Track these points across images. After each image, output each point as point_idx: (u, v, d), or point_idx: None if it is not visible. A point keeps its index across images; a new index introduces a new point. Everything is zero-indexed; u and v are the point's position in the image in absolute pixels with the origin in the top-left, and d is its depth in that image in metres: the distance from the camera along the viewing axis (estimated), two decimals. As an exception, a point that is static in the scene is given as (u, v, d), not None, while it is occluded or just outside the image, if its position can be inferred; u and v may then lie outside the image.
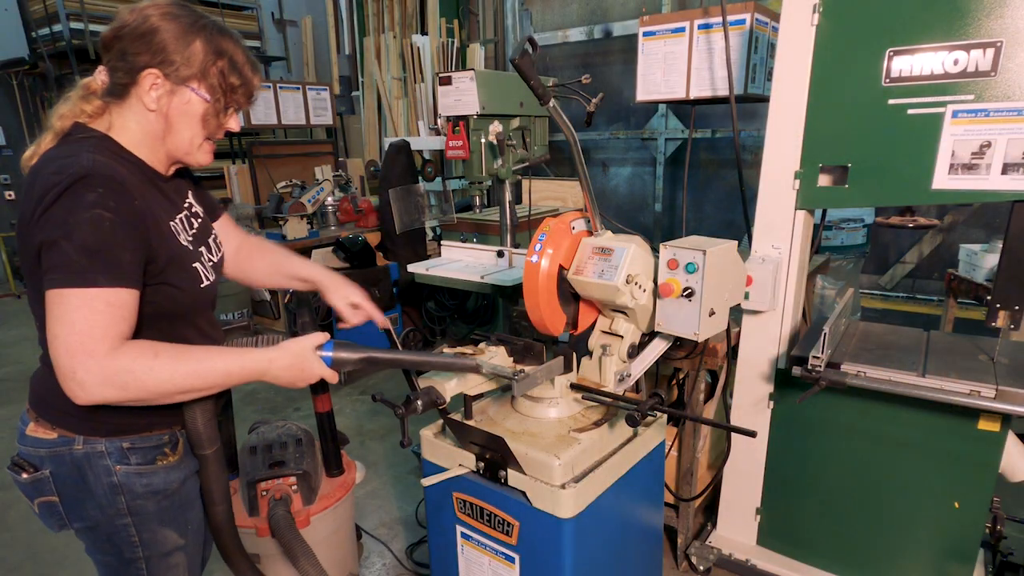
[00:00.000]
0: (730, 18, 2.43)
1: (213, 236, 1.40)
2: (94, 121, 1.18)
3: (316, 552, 1.86)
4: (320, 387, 2.15)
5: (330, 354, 1.25)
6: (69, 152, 1.10)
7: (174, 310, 1.23)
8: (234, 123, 1.27)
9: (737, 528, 2.42)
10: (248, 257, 1.58)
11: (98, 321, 1.02)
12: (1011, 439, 1.86)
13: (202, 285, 1.27)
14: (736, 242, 1.68)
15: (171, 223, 1.22)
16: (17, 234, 1.12)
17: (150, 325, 1.16)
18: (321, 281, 1.58)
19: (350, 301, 1.58)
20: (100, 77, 1.18)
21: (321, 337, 1.25)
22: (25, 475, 1.23)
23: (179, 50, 1.13)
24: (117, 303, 1.05)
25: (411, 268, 2.77)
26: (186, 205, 1.33)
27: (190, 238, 1.28)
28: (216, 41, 1.18)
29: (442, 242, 2.96)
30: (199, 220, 1.35)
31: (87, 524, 1.27)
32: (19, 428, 1.27)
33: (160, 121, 1.17)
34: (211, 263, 1.33)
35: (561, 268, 1.74)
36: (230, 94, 1.21)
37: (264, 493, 1.91)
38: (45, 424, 1.22)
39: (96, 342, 1.01)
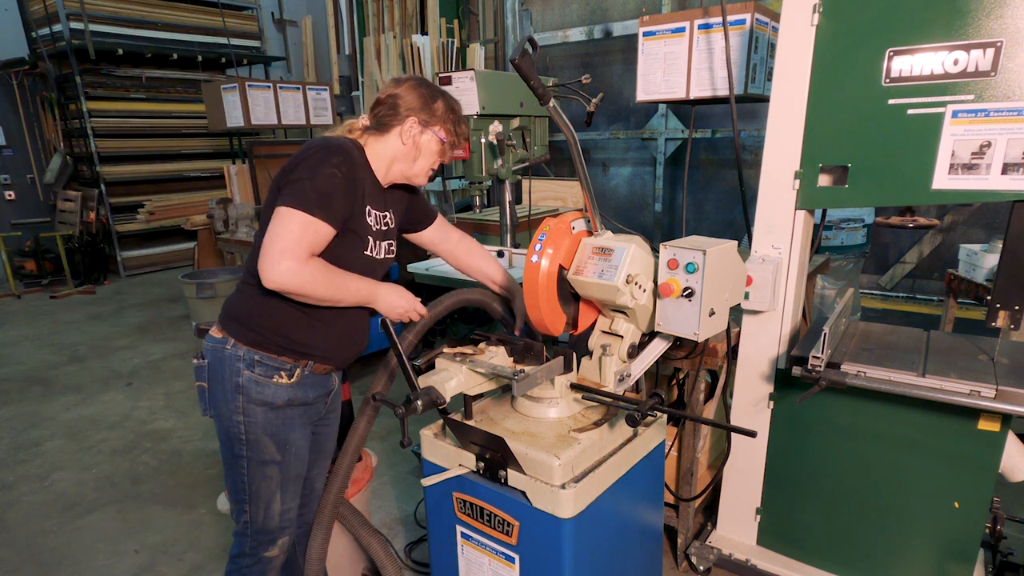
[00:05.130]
0: (730, 18, 2.43)
1: (390, 243, 1.81)
2: (355, 137, 1.70)
3: (346, 538, 2.12)
4: (342, 377, 2.23)
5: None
6: (333, 137, 1.64)
7: (343, 257, 1.61)
8: (447, 159, 1.80)
9: (737, 528, 2.42)
10: (466, 253, 2.02)
11: (307, 238, 1.48)
12: (1011, 439, 1.86)
13: (364, 251, 1.68)
14: (736, 242, 1.68)
15: (368, 206, 1.67)
16: (276, 178, 1.58)
17: (330, 258, 1.57)
18: (512, 289, 2.00)
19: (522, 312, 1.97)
20: (362, 121, 1.72)
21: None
22: (195, 361, 1.67)
23: (429, 106, 1.67)
24: (321, 232, 1.51)
25: (411, 268, 2.77)
26: (388, 212, 1.77)
27: (374, 226, 1.70)
28: (449, 103, 1.73)
29: (442, 242, 2.95)
30: (387, 227, 1.78)
31: (216, 412, 1.65)
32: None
33: (411, 150, 1.68)
34: (379, 255, 1.74)
35: (561, 268, 1.74)
36: (453, 139, 1.74)
37: None
38: (218, 326, 1.66)
39: (302, 249, 1.47)
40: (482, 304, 2.01)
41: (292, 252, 1.44)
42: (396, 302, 1.69)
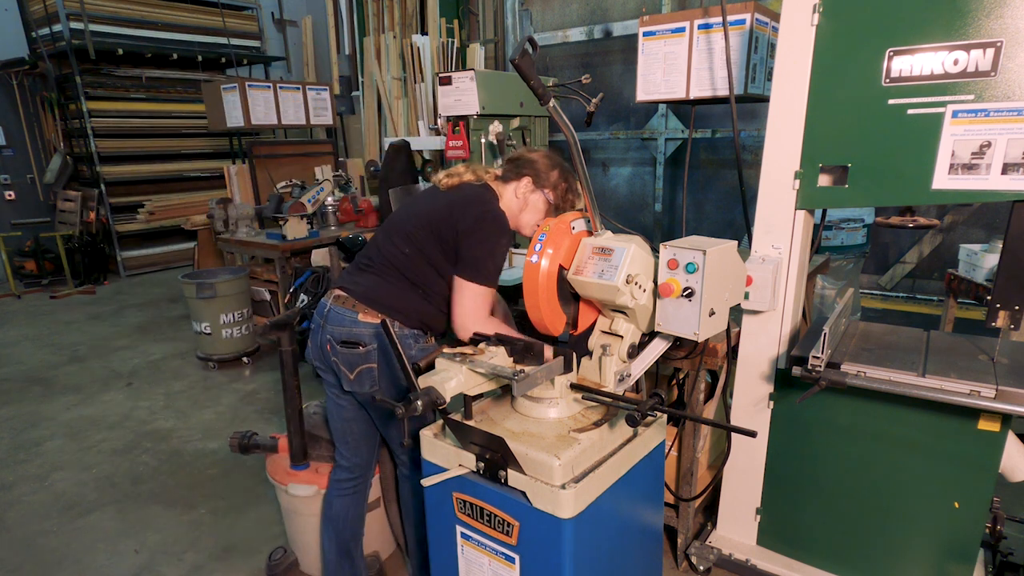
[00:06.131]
0: (730, 18, 2.43)
1: None
2: (487, 180, 2.04)
3: (372, 518, 2.34)
4: None
5: None
6: (492, 199, 1.94)
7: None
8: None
9: (737, 528, 2.42)
10: None
11: (483, 304, 1.85)
12: (1011, 439, 1.86)
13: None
14: (736, 242, 1.68)
15: None
16: (444, 221, 1.86)
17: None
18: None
19: None
20: (495, 171, 2.07)
21: None
22: (361, 348, 1.88)
23: (545, 172, 1.99)
24: (492, 294, 1.89)
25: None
26: None
27: None
28: (564, 175, 2.02)
29: (442, 242, 2.95)
30: None
31: (388, 383, 1.91)
32: (345, 320, 1.90)
33: (522, 204, 2.00)
34: None
35: (561, 268, 1.74)
36: (560, 202, 2.01)
37: None
38: (372, 313, 1.88)
39: (480, 313, 1.85)
40: None
41: (478, 318, 1.84)
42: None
